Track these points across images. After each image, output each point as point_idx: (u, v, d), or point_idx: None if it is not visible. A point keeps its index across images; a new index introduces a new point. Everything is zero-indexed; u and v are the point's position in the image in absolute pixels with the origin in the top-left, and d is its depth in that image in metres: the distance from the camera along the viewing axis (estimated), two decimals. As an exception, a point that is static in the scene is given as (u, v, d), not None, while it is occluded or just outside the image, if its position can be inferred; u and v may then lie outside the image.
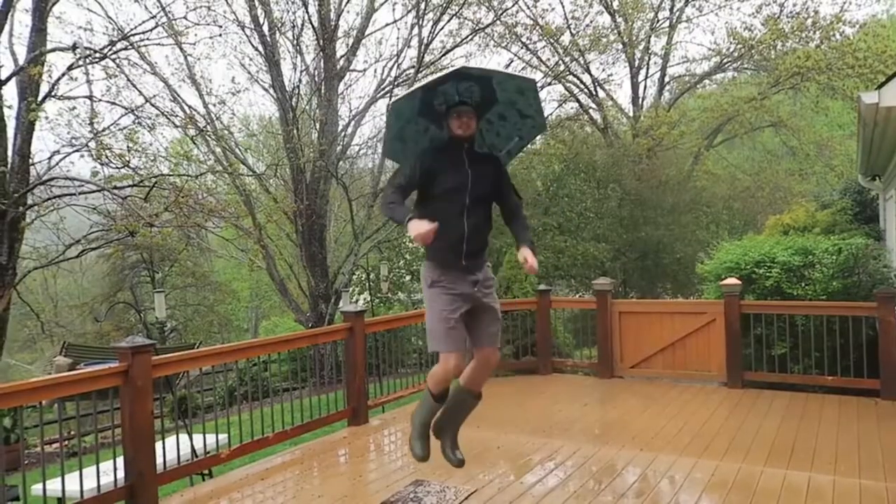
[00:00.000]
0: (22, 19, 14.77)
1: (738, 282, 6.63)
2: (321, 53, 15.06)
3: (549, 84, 17.74)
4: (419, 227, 3.01)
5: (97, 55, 11.13)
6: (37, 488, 4.15)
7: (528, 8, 17.13)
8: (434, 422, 3.55)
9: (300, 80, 15.26)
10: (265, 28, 14.50)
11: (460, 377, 3.46)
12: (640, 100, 19.93)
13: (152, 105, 12.36)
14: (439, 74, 3.33)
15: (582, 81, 18.95)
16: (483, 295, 3.39)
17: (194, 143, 14.24)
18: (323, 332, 6.15)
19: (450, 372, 3.35)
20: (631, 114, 19.96)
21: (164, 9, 12.68)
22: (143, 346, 4.00)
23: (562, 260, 15.51)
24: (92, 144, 10.76)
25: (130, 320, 22.83)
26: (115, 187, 11.07)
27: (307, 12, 14.75)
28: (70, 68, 10.68)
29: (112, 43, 11.66)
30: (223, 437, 5.11)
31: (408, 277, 19.13)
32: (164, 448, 4.20)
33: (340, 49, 15.62)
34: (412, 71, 15.64)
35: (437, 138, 3.53)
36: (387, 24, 15.94)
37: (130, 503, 3.91)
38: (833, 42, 16.18)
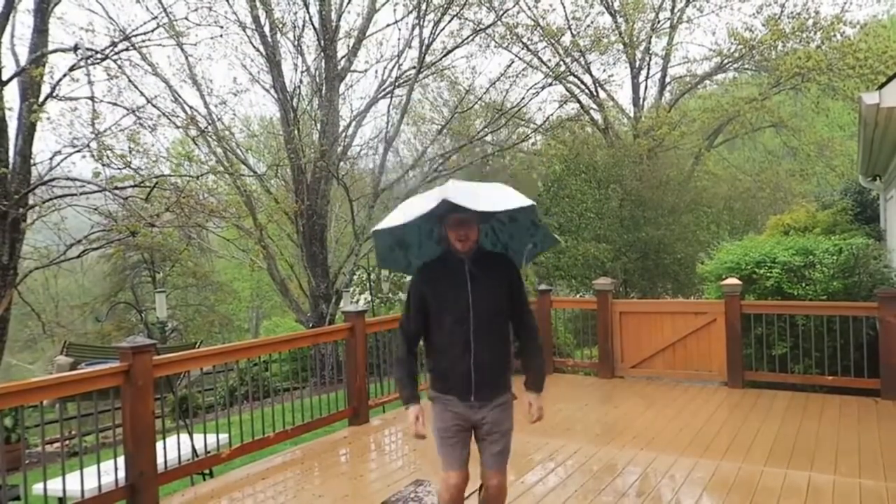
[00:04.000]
0: (24, 20, 14.79)
1: (739, 282, 6.63)
2: (322, 54, 15.09)
3: (550, 84, 17.76)
4: (410, 426, 2.88)
5: (98, 56, 11.13)
6: (38, 488, 4.16)
7: (529, 9, 17.15)
8: None
9: (301, 81, 15.29)
10: (266, 28, 14.52)
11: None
12: (641, 100, 19.93)
13: (154, 106, 12.38)
14: (426, 208, 2.68)
15: (583, 82, 18.95)
16: (487, 416, 2.94)
17: (195, 144, 14.25)
18: (324, 332, 6.15)
19: (450, 489, 2.93)
20: (632, 114, 19.96)
21: (165, 9, 12.71)
22: (144, 345, 4.01)
23: (562, 260, 15.50)
24: (93, 145, 10.78)
25: (131, 320, 22.85)
26: (117, 188, 11.08)
27: (308, 13, 14.78)
28: (71, 69, 10.69)
29: (113, 44, 11.67)
30: (224, 436, 5.11)
31: (408, 277, 19.12)
32: (164, 448, 4.21)
33: (341, 50, 15.65)
34: (413, 71, 15.66)
35: (443, 239, 3.00)
36: (388, 25, 15.98)
37: (131, 503, 3.92)
38: (834, 42, 16.17)
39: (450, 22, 15.66)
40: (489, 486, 3.00)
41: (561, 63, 17.90)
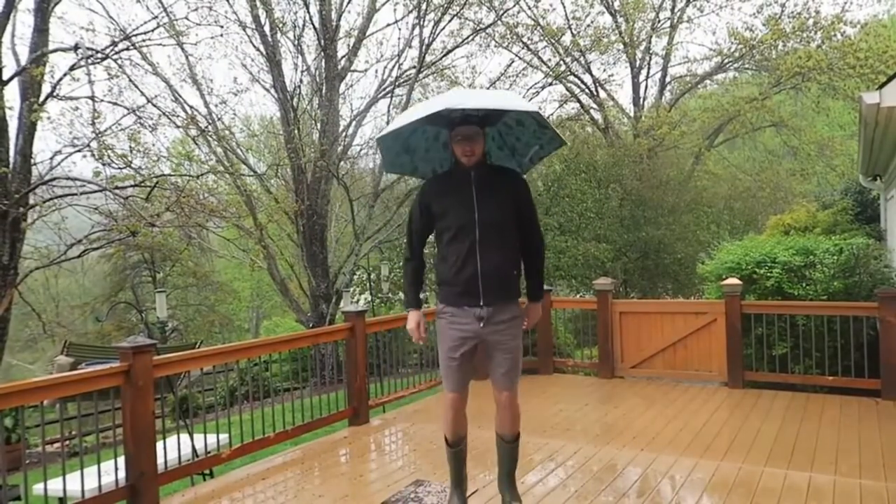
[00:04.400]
0: (24, 20, 14.81)
1: (739, 282, 6.63)
2: (322, 53, 15.09)
3: (551, 84, 17.77)
4: (410, 324, 3.13)
5: (99, 55, 11.14)
6: (38, 488, 4.16)
7: (530, 8, 17.17)
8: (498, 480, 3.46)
9: (301, 81, 15.31)
10: (266, 28, 14.52)
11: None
12: (641, 100, 19.93)
13: (154, 105, 12.40)
14: (428, 109, 2.84)
15: (583, 82, 18.96)
16: (492, 332, 3.07)
17: (195, 144, 14.26)
18: (324, 332, 6.14)
19: (450, 411, 3.21)
20: (632, 114, 19.97)
21: (165, 9, 12.72)
22: (145, 345, 4.01)
23: (562, 260, 15.51)
24: (94, 145, 10.79)
25: (132, 320, 22.85)
26: (117, 187, 11.09)
27: (308, 12, 14.79)
28: (72, 69, 10.70)
29: (114, 43, 11.67)
30: (224, 436, 5.11)
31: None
32: (165, 448, 4.21)
33: (342, 49, 15.67)
34: (413, 71, 15.67)
35: (448, 145, 3.17)
36: (388, 25, 16.00)
37: (131, 503, 3.92)
38: (834, 42, 16.17)
39: (450, 21, 15.68)
40: (498, 400, 3.18)
41: (561, 63, 17.91)
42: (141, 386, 3.93)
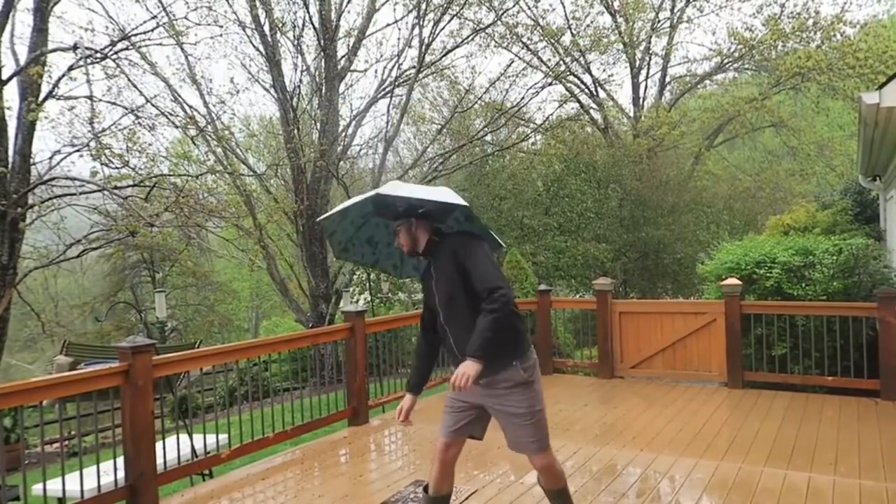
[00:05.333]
0: (23, 19, 14.79)
1: (739, 282, 6.62)
2: (322, 53, 15.09)
3: (550, 84, 17.76)
4: (397, 410, 3.15)
5: (98, 55, 11.13)
6: (37, 488, 4.15)
7: (529, 8, 17.16)
8: None
9: (301, 80, 15.30)
10: (266, 28, 14.51)
11: None
12: (641, 100, 19.94)
13: (153, 105, 12.38)
14: (360, 198, 3.00)
15: (583, 82, 18.96)
16: (493, 401, 2.95)
17: (194, 144, 14.24)
18: (323, 332, 6.14)
19: (436, 452, 3.08)
20: (631, 114, 19.97)
21: (164, 9, 12.70)
22: (144, 345, 4.00)
23: (562, 260, 15.52)
24: (93, 144, 10.77)
25: (131, 320, 22.85)
26: (116, 187, 11.07)
27: (308, 12, 14.78)
28: (71, 68, 10.69)
29: (113, 43, 11.66)
30: (223, 437, 5.11)
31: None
32: (164, 448, 4.21)
33: (341, 49, 15.66)
34: (413, 71, 15.66)
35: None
36: (388, 25, 15.99)
37: (131, 503, 3.91)
38: (834, 42, 16.18)
39: (450, 21, 15.68)
40: (533, 463, 3.05)
41: (561, 63, 17.90)
42: (140, 386, 3.93)
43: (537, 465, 3.02)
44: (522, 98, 17.62)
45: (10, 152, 10.42)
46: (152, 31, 12.35)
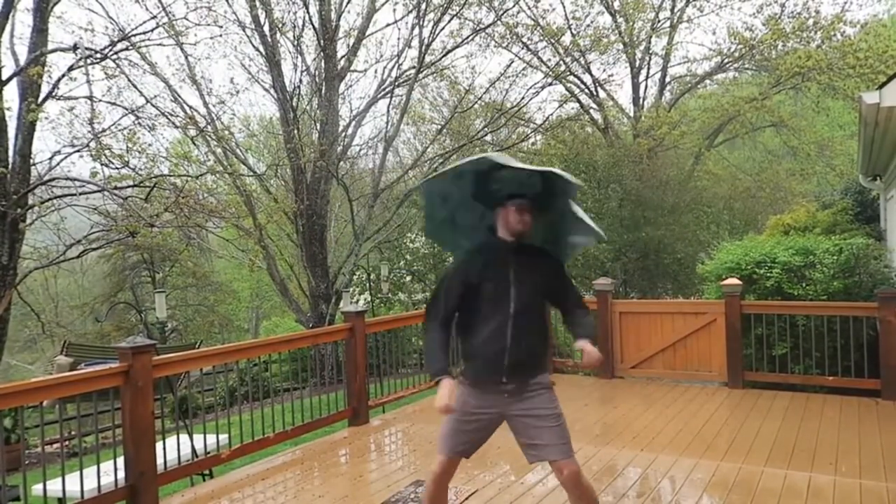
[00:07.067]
0: (23, 19, 14.77)
1: (739, 282, 6.62)
2: (322, 53, 15.08)
3: (550, 84, 17.76)
4: (441, 400, 2.72)
5: (98, 55, 11.13)
6: (37, 488, 4.15)
7: (529, 8, 17.13)
8: None
9: (301, 81, 15.30)
10: (266, 28, 14.51)
11: None
12: (641, 100, 19.91)
13: (153, 105, 12.38)
14: (501, 160, 2.74)
15: (583, 82, 18.94)
16: (518, 406, 2.88)
17: (194, 144, 14.24)
18: (324, 333, 6.14)
19: (435, 476, 2.95)
20: (632, 114, 19.95)
21: (164, 9, 12.69)
22: (144, 346, 4.00)
23: (562, 260, 15.47)
24: (93, 145, 10.77)
25: (131, 320, 22.84)
26: (116, 188, 11.07)
27: (308, 12, 14.77)
28: (70, 69, 10.69)
29: (113, 43, 11.66)
30: (224, 437, 5.11)
31: (408, 278, 19.14)
32: (164, 448, 4.21)
33: (341, 49, 15.65)
34: (413, 71, 15.66)
35: (491, 228, 3.02)
36: (387, 25, 15.98)
37: (131, 503, 3.91)
38: (834, 42, 16.16)
39: (449, 22, 15.66)
40: (560, 478, 2.91)
41: (561, 63, 17.89)
42: (140, 386, 3.93)
43: (566, 472, 2.85)
44: (522, 98, 17.62)
45: (10, 153, 10.41)
46: (152, 31, 12.36)
